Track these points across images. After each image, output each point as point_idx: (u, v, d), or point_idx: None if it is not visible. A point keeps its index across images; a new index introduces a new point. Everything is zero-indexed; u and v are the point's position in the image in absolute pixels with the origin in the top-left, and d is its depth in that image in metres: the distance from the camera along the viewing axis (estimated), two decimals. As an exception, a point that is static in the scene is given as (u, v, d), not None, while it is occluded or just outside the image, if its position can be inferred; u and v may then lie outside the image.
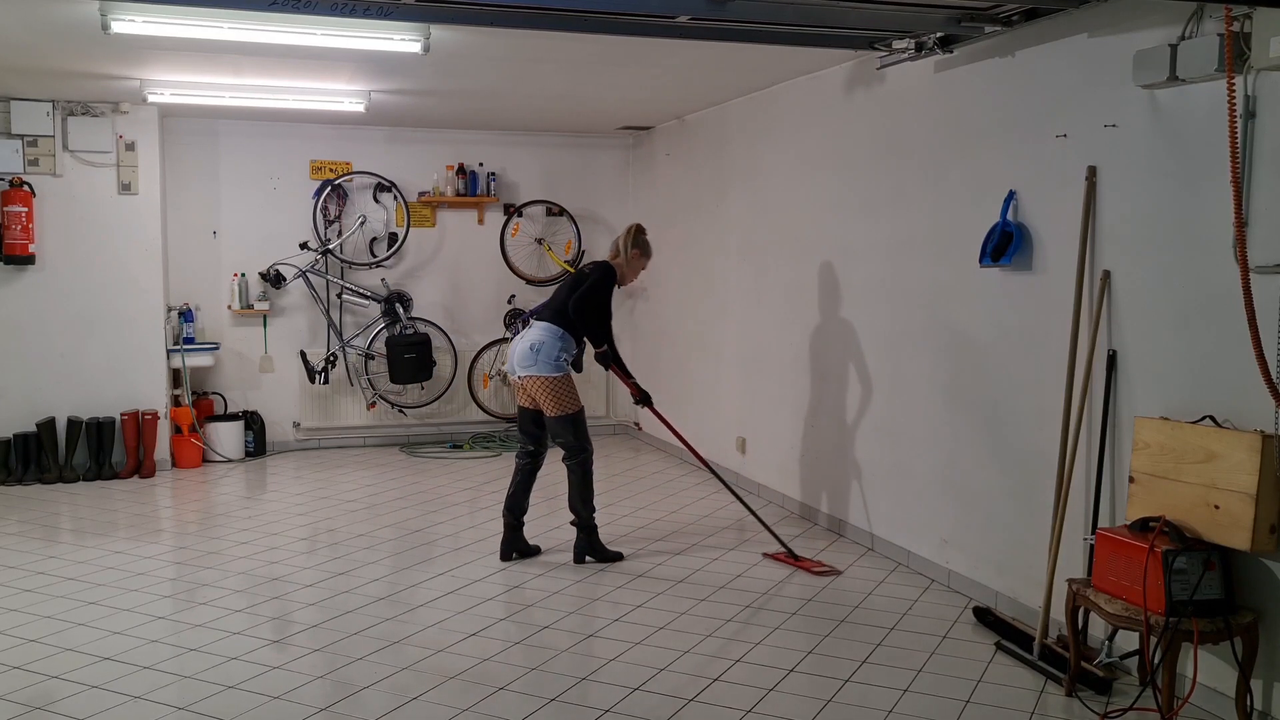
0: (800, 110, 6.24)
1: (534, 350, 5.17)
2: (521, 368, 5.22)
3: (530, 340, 5.20)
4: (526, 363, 5.20)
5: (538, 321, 5.27)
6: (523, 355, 5.21)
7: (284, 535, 5.85)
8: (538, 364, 5.17)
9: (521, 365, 5.22)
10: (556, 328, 5.21)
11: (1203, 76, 3.42)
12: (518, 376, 5.26)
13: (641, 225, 5.52)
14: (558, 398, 5.18)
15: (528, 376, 5.19)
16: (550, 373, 5.17)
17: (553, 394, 5.17)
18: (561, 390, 5.19)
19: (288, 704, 3.66)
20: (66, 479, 7.24)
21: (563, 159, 8.92)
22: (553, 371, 5.18)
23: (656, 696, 3.71)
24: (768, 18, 4.18)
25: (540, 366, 5.17)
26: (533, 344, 5.18)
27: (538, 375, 5.17)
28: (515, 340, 5.33)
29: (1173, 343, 3.68)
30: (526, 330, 5.29)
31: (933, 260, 5.02)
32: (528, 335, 5.24)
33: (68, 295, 7.38)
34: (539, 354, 5.17)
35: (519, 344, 5.26)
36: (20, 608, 4.64)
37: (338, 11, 3.93)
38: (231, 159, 8.12)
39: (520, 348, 5.24)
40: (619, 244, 5.43)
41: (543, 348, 5.17)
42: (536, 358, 5.17)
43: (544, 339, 5.18)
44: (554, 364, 5.18)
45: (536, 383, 5.17)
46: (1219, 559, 3.31)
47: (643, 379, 8.89)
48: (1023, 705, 3.67)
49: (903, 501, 5.31)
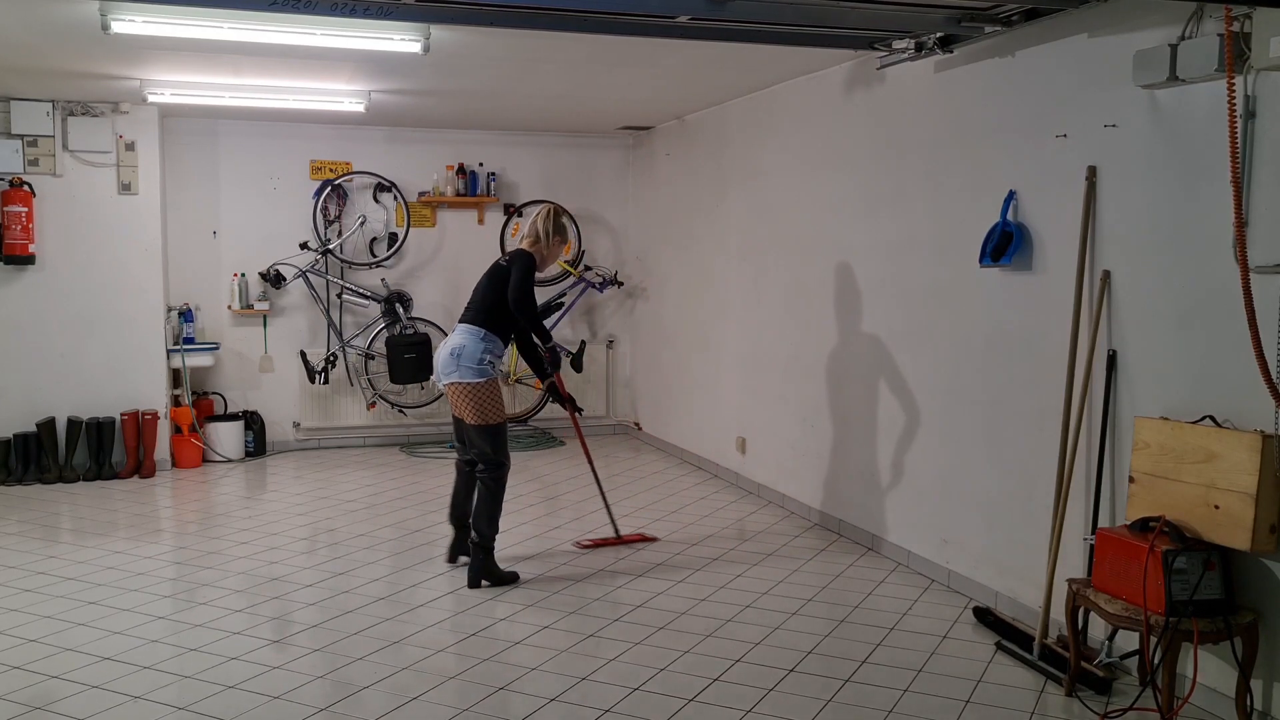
0: (800, 110, 6.24)
1: (454, 356, 4.88)
2: (444, 375, 4.93)
3: (451, 345, 4.92)
4: (448, 369, 4.91)
5: (462, 325, 4.97)
6: (444, 362, 4.93)
7: (284, 535, 5.85)
8: (459, 369, 4.87)
9: (444, 372, 4.93)
10: (478, 329, 4.91)
11: (1203, 76, 3.42)
12: (442, 384, 4.99)
13: (560, 207, 5.38)
14: (479, 405, 4.87)
15: (451, 385, 4.91)
16: (473, 378, 4.86)
17: (474, 401, 4.87)
18: (484, 397, 4.87)
19: (288, 704, 3.66)
20: (66, 479, 7.24)
21: (563, 159, 8.92)
22: (475, 377, 4.86)
23: (656, 696, 3.71)
24: (768, 18, 4.18)
25: (462, 372, 4.86)
26: (453, 349, 4.89)
27: (460, 381, 4.87)
28: (440, 347, 5.05)
29: (1173, 343, 3.68)
30: (449, 336, 5.01)
31: (933, 260, 5.02)
32: (450, 340, 4.97)
33: (68, 295, 7.38)
34: (460, 359, 4.87)
35: (441, 351, 4.99)
36: (20, 608, 4.64)
37: (338, 11, 3.93)
38: (231, 159, 8.12)
39: (442, 354, 4.96)
40: (539, 230, 5.09)
41: (463, 352, 4.87)
42: (458, 363, 4.87)
43: (465, 342, 4.89)
44: (477, 368, 4.87)
45: (458, 389, 4.88)
46: (1219, 559, 3.32)
47: (643, 379, 8.94)
48: (1023, 705, 3.67)
49: (903, 501, 5.31)
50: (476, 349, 4.87)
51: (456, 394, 4.91)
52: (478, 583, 4.93)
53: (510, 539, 5.75)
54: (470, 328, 4.92)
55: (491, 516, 4.94)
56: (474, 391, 4.86)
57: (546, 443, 8.60)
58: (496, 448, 4.93)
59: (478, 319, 4.94)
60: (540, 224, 5.09)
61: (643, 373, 8.96)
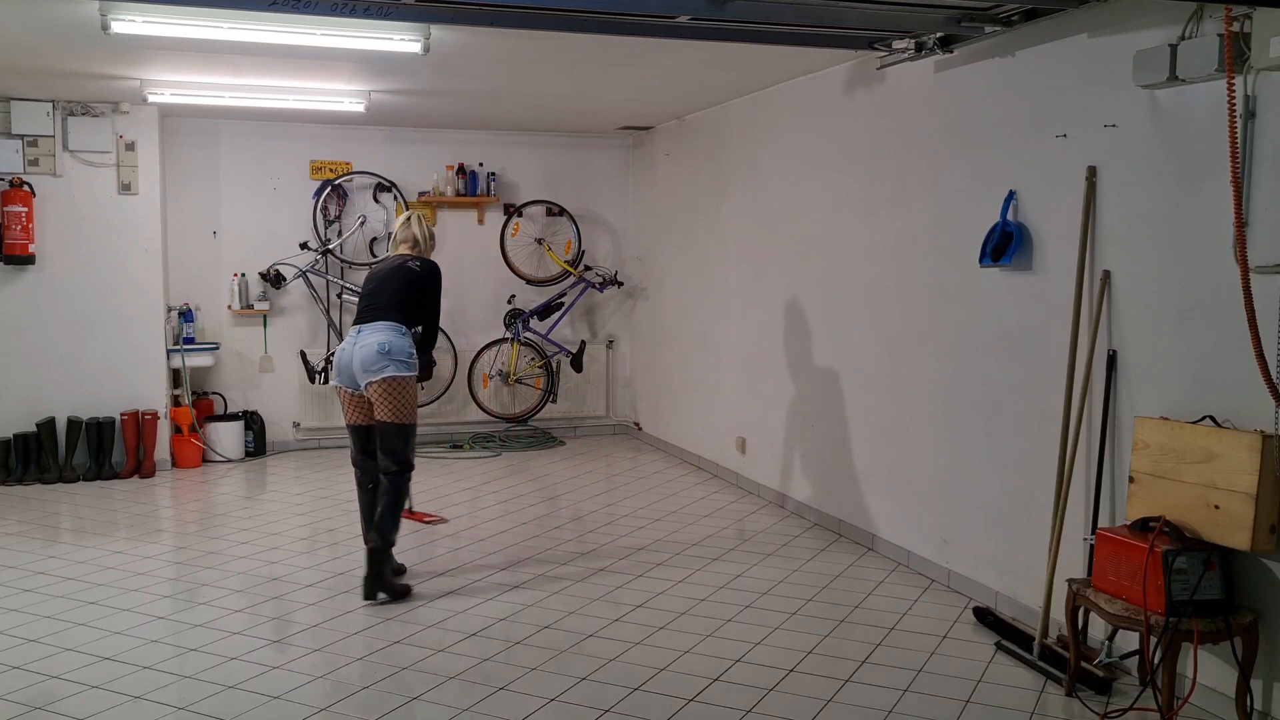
0: (800, 110, 6.24)
1: (383, 351, 4.69)
2: (372, 372, 4.70)
3: (376, 342, 4.71)
4: (376, 365, 4.69)
5: (378, 322, 4.77)
6: (370, 359, 4.69)
7: (284, 535, 5.85)
8: (391, 364, 4.69)
9: (371, 369, 4.70)
10: (400, 325, 4.79)
11: (1203, 76, 3.42)
12: (365, 385, 4.73)
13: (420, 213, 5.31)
14: (403, 402, 4.73)
15: (382, 380, 4.68)
16: (405, 372, 4.73)
17: (400, 397, 4.72)
18: (409, 394, 4.76)
19: (288, 704, 3.66)
20: (66, 479, 7.24)
21: (563, 159, 8.92)
22: (406, 371, 4.73)
23: (656, 696, 3.71)
24: (767, 18, 4.19)
25: (396, 366, 4.70)
26: (380, 345, 4.70)
27: (394, 376, 4.69)
28: (349, 349, 4.79)
29: (1173, 343, 3.68)
30: (360, 336, 4.77)
31: (933, 260, 5.02)
32: (368, 339, 4.73)
33: (68, 295, 7.38)
34: (390, 353, 4.69)
35: (358, 350, 4.73)
36: (20, 608, 4.64)
37: (338, 11, 3.94)
38: (231, 159, 8.12)
39: (362, 354, 4.71)
40: (421, 235, 5.05)
41: (392, 347, 4.70)
42: (389, 358, 4.69)
43: (391, 338, 4.73)
44: (407, 363, 4.75)
45: (388, 385, 4.68)
46: (1219, 559, 3.32)
47: (643, 379, 8.94)
48: (1023, 705, 3.67)
49: (903, 501, 5.31)
50: (403, 344, 4.76)
51: (383, 391, 4.70)
52: (374, 594, 4.72)
53: (511, 539, 5.75)
54: (391, 324, 4.78)
55: (397, 521, 4.79)
56: (402, 387, 4.72)
57: (546, 443, 8.60)
58: (411, 448, 4.82)
59: (395, 316, 4.80)
60: (418, 229, 5.06)
61: (643, 373, 8.96)
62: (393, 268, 4.96)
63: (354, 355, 4.77)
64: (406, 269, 4.95)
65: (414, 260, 4.99)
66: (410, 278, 4.93)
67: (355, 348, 4.78)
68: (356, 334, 4.83)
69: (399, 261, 4.99)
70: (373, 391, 4.74)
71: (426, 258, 5.06)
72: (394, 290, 4.89)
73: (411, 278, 4.93)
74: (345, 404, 4.91)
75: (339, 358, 4.87)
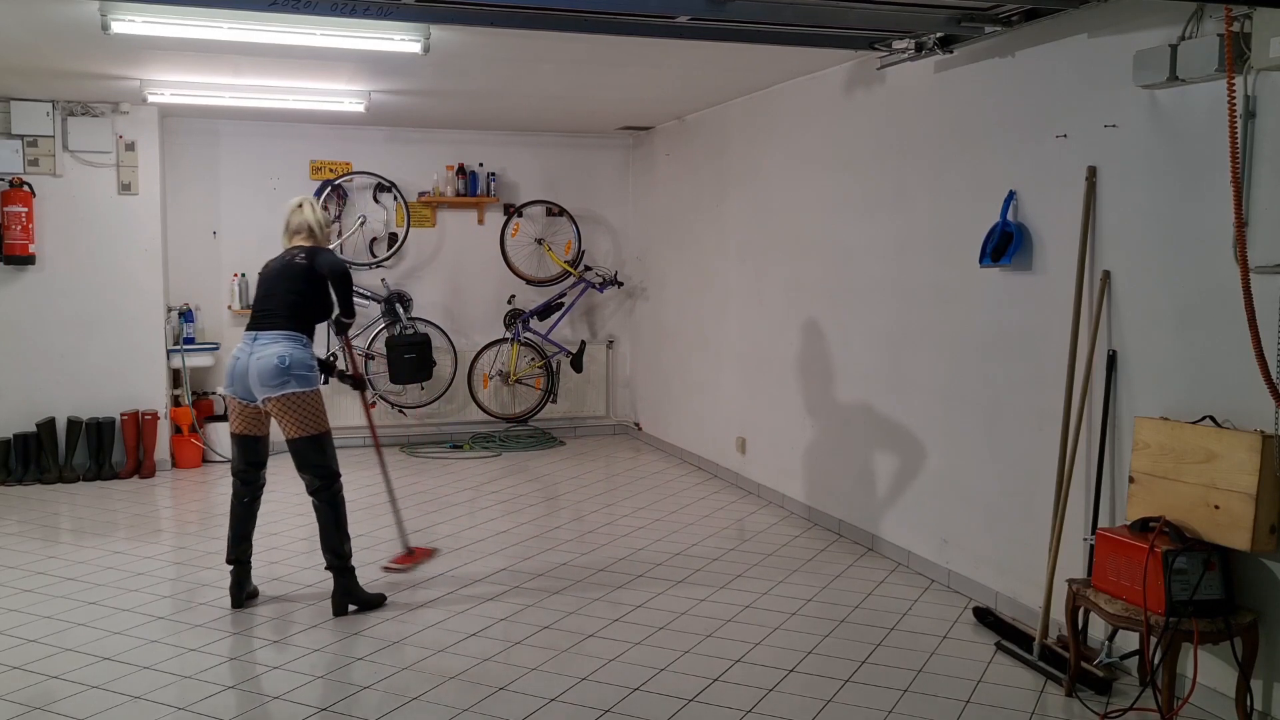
0: (800, 110, 6.24)
1: (283, 366, 4.40)
2: (271, 388, 4.41)
3: (276, 354, 4.41)
4: (276, 380, 4.40)
5: (274, 331, 4.47)
6: (269, 374, 4.40)
7: (284, 535, 5.85)
8: (292, 379, 4.42)
9: (270, 384, 4.41)
10: (297, 334, 4.50)
11: (1203, 76, 3.42)
12: (262, 400, 4.46)
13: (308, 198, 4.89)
14: (311, 415, 4.49)
15: (281, 397, 4.42)
16: (307, 387, 4.47)
17: (306, 411, 4.47)
18: (316, 406, 4.51)
19: (288, 704, 3.66)
20: (66, 479, 7.24)
21: (563, 159, 8.92)
22: (308, 386, 4.47)
23: (656, 696, 3.71)
24: (767, 18, 4.19)
25: (296, 382, 4.43)
26: (280, 358, 4.40)
27: (296, 392, 4.43)
28: (243, 358, 4.48)
29: (1173, 343, 3.68)
30: (256, 345, 4.47)
31: (933, 260, 5.02)
32: (265, 350, 4.43)
33: (68, 295, 7.38)
34: (290, 368, 4.42)
35: (256, 362, 4.43)
36: (20, 608, 4.64)
37: (338, 11, 3.94)
38: (231, 159, 8.12)
39: (260, 366, 4.41)
40: (315, 222, 4.72)
41: (292, 360, 4.42)
42: (289, 374, 4.41)
43: (291, 350, 4.44)
44: (309, 375, 4.48)
45: (289, 401, 4.43)
46: (1219, 559, 3.32)
47: (643, 379, 8.94)
48: (1023, 705, 3.67)
49: (903, 501, 5.30)
50: (304, 355, 4.48)
51: (285, 408, 4.44)
52: (345, 609, 4.57)
53: (511, 539, 5.75)
54: (288, 333, 4.48)
55: (343, 533, 4.61)
56: (307, 401, 4.47)
57: (546, 443, 8.60)
58: (330, 456, 4.60)
59: (291, 324, 4.51)
60: (311, 215, 4.71)
61: (643, 373, 8.96)
62: (283, 265, 4.61)
63: (250, 366, 4.45)
64: (295, 265, 4.57)
65: (302, 254, 4.60)
66: (299, 273, 4.55)
67: (251, 358, 4.45)
68: (251, 341, 4.49)
69: (289, 257, 4.62)
70: (273, 407, 4.46)
71: (323, 248, 4.69)
72: (286, 291, 4.54)
73: (300, 273, 4.55)
74: (234, 413, 4.60)
75: (232, 365, 4.52)
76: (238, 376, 4.51)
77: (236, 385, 4.53)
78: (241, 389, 4.52)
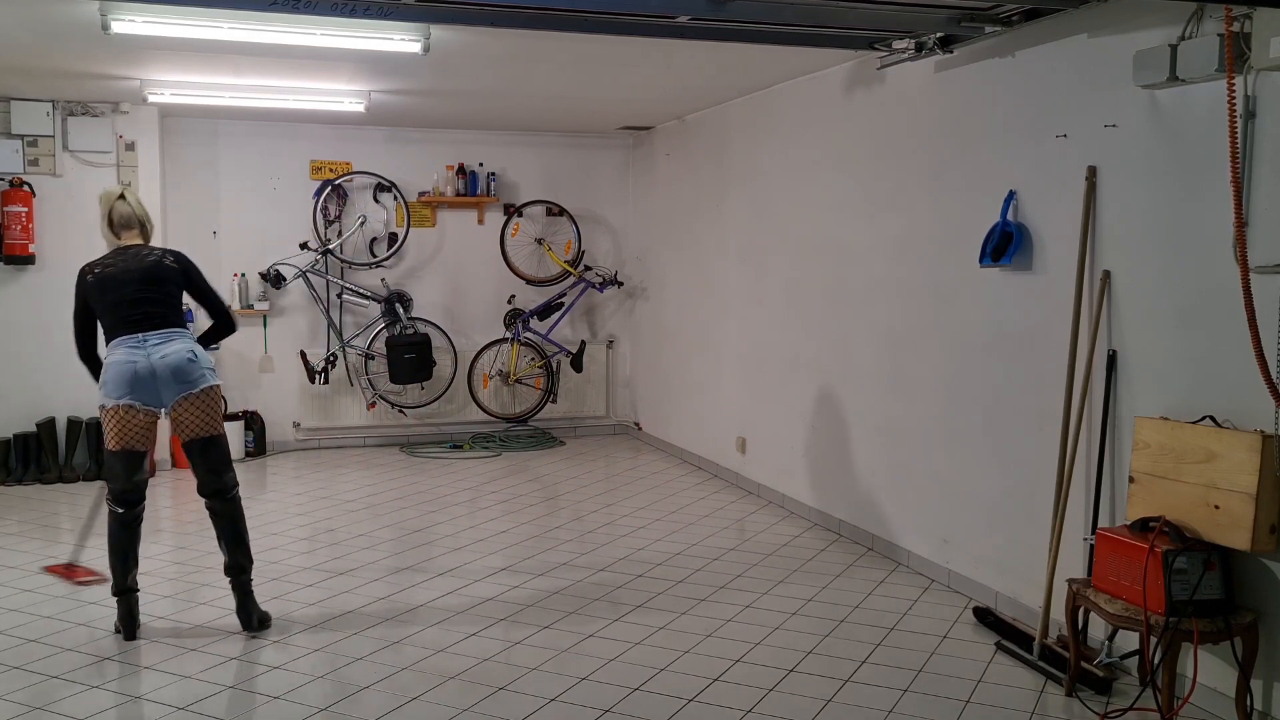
0: (800, 110, 6.24)
1: (194, 360, 4.21)
2: (189, 384, 4.20)
3: (185, 351, 4.22)
4: (195, 376, 4.20)
5: (167, 329, 4.24)
6: (184, 370, 4.18)
7: (284, 535, 5.85)
8: (206, 372, 4.26)
9: (188, 381, 4.19)
10: (185, 330, 4.33)
11: (1203, 76, 3.42)
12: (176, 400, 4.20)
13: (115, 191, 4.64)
14: (219, 413, 4.34)
15: (201, 392, 4.22)
16: (217, 381, 4.33)
17: (217, 409, 4.32)
18: (220, 402, 4.38)
19: (288, 704, 3.66)
20: (66, 479, 7.24)
21: (563, 159, 8.92)
22: (217, 380, 4.34)
23: (656, 696, 3.71)
24: (768, 18, 4.19)
25: (210, 375, 4.28)
26: (190, 353, 4.22)
27: (212, 385, 4.26)
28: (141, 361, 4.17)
29: (1173, 343, 3.68)
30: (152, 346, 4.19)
31: (933, 260, 5.02)
32: (169, 349, 4.19)
33: (68, 295, 7.27)
34: (200, 361, 4.23)
35: (162, 362, 4.17)
36: (20, 608, 4.64)
37: (338, 11, 3.93)
38: (231, 159, 8.12)
39: (171, 364, 4.17)
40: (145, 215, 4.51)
41: (198, 354, 4.25)
42: (201, 367, 4.23)
43: (190, 347, 4.26)
44: (215, 370, 4.35)
45: (206, 396, 4.25)
46: (1219, 559, 3.32)
47: (643, 379, 8.94)
48: (1023, 705, 3.67)
49: (903, 501, 5.30)
50: (202, 351, 4.31)
51: (204, 404, 4.24)
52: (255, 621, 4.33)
53: (511, 539, 5.75)
54: (180, 330, 4.29)
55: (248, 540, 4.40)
56: (218, 397, 4.33)
57: (546, 443, 8.60)
58: (230, 458, 4.42)
59: (179, 320, 4.32)
60: (140, 209, 4.49)
61: (643, 373, 8.96)
62: (147, 265, 4.30)
63: (154, 367, 4.16)
64: (163, 266, 4.32)
65: (170, 257, 4.38)
66: (169, 275, 4.32)
67: (154, 359, 4.16)
68: (141, 343, 4.19)
69: (143, 255, 4.34)
70: (189, 406, 4.21)
71: (168, 247, 4.51)
72: (163, 293, 4.29)
73: (172, 276, 4.33)
74: (123, 426, 4.20)
75: (128, 372, 4.16)
76: (140, 382, 4.16)
77: (138, 392, 4.17)
78: (146, 394, 4.18)
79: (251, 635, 4.29)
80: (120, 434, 4.23)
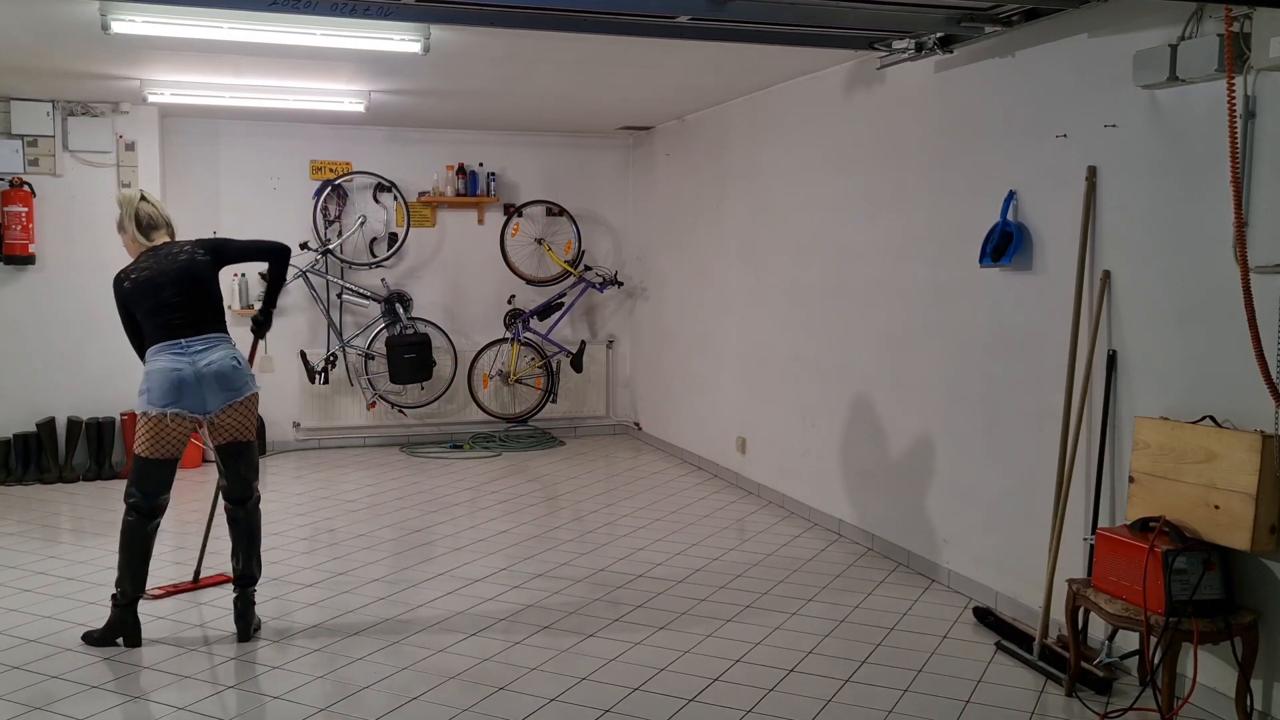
0: (800, 110, 6.24)
1: (239, 367, 4.21)
2: (235, 391, 4.19)
3: (229, 357, 4.19)
4: (240, 382, 4.21)
5: (208, 335, 4.19)
6: (231, 377, 4.17)
7: (284, 535, 5.85)
8: (247, 381, 4.26)
9: (233, 388, 4.18)
10: (227, 335, 4.29)
11: (1203, 76, 3.42)
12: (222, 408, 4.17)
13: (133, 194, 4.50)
14: (255, 419, 4.34)
15: (245, 399, 4.23)
16: (258, 387, 4.38)
17: (255, 414, 4.32)
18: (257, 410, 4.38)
19: (288, 704, 3.66)
20: (66, 479, 7.24)
21: (563, 159, 8.92)
22: (258, 386, 4.39)
23: (656, 696, 3.71)
24: (768, 18, 4.18)
25: (253, 381, 4.30)
26: (235, 359, 4.21)
27: (255, 392, 4.29)
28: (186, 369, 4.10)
29: (1173, 343, 3.68)
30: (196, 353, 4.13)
31: (933, 260, 5.02)
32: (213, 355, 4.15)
33: (68, 295, 7.38)
34: (242, 370, 4.24)
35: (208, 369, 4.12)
36: (20, 608, 4.64)
37: (338, 11, 3.93)
38: (231, 159, 8.12)
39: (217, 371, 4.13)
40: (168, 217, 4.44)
41: (241, 360, 4.26)
42: (242, 375, 4.23)
43: (233, 353, 4.24)
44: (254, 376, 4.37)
45: (249, 404, 4.26)
46: (1219, 559, 3.32)
47: (643, 379, 8.94)
48: (1023, 705, 3.67)
49: (903, 501, 5.30)
50: (244, 357, 4.34)
51: (247, 411, 4.25)
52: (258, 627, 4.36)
53: (511, 539, 5.75)
54: (221, 336, 4.24)
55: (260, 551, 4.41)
56: (256, 402, 4.33)
57: (546, 442, 8.60)
58: (258, 465, 4.44)
59: (219, 325, 4.27)
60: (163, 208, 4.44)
61: (643, 373, 8.96)
62: (181, 265, 4.22)
63: (201, 374, 4.11)
64: (195, 263, 4.24)
65: (185, 249, 4.28)
66: (203, 272, 4.26)
67: (199, 366, 4.12)
68: (185, 349, 4.12)
69: (175, 254, 4.26)
70: (233, 413, 4.21)
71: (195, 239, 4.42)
72: (204, 291, 4.25)
73: (204, 271, 4.26)
74: (164, 433, 4.11)
75: (174, 379, 4.08)
76: (187, 389, 4.09)
77: (186, 399, 4.10)
78: (192, 402, 4.11)
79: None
80: (159, 442, 4.13)
